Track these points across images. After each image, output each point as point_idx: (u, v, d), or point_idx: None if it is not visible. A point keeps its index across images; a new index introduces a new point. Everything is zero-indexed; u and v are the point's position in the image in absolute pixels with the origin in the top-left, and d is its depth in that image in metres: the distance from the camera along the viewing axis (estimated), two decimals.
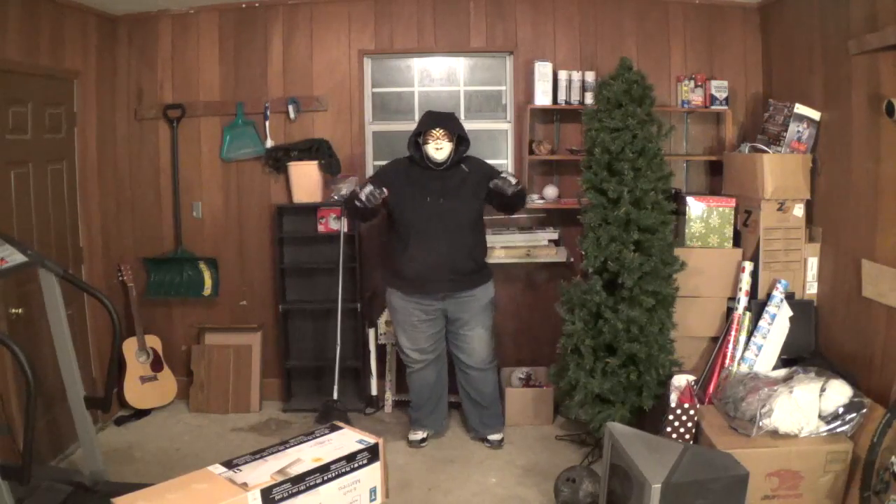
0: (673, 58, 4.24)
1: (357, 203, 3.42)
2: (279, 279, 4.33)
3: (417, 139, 3.56)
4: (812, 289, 3.59)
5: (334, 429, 2.72)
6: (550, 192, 4.22)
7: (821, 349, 3.48)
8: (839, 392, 2.92)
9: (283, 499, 2.32)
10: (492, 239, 4.02)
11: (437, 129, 3.50)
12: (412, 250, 3.52)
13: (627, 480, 2.59)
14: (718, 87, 4.12)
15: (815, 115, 3.51)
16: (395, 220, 3.61)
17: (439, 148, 3.50)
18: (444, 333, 3.75)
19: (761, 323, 3.48)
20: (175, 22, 4.30)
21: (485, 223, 3.77)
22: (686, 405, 3.13)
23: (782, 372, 3.29)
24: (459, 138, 3.58)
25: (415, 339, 3.70)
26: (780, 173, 3.52)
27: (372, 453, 2.57)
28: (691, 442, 3.11)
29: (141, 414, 4.24)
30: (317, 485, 2.41)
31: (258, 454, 2.49)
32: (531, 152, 4.16)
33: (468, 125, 3.91)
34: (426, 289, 3.57)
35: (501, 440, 3.80)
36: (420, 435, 3.82)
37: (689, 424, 3.13)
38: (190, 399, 4.37)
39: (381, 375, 4.37)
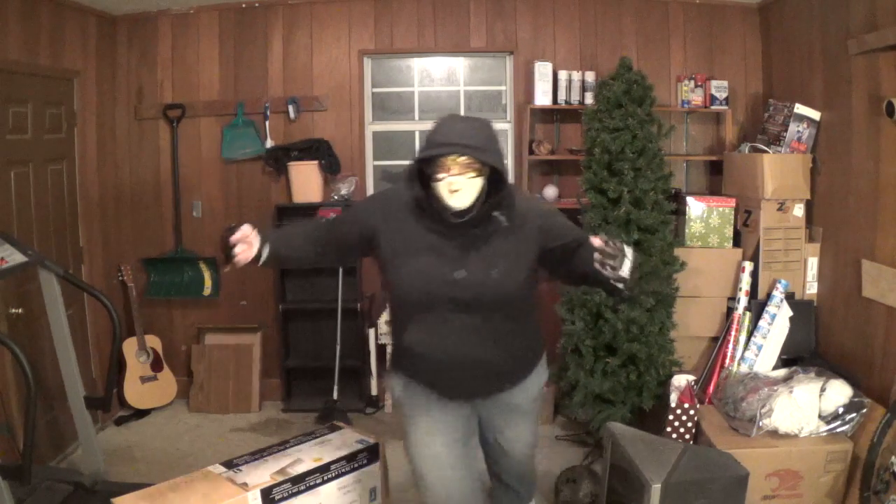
0: (673, 58, 4.24)
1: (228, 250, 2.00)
2: (279, 279, 4.33)
3: (421, 167, 1.95)
4: (812, 289, 3.59)
5: (334, 429, 2.72)
6: (550, 192, 4.22)
7: (821, 349, 3.48)
8: (839, 392, 2.92)
9: (283, 499, 2.32)
10: None
11: (456, 157, 1.87)
12: (414, 338, 2.08)
13: (627, 480, 2.59)
14: (718, 87, 4.12)
15: (815, 115, 3.51)
16: (387, 284, 2.12)
17: (456, 189, 1.89)
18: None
19: (761, 323, 3.48)
20: (175, 22, 4.30)
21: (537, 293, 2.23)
22: (686, 405, 3.13)
23: (782, 372, 3.29)
24: (494, 172, 1.94)
25: (429, 449, 2.15)
26: (780, 173, 3.51)
27: (372, 453, 2.57)
28: (691, 442, 3.11)
29: (141, 414, 4.24)
30: (317, 485, 2.41)
31: (258, 454, 2.49)
32: (531, 152, 4.16)
33: None
34: (442, 393, 2.14)
35: None
36: None
37: (689, 424, 3.13)
38: (190, 399, 4.37)
39: (381, 375, 4.37)
